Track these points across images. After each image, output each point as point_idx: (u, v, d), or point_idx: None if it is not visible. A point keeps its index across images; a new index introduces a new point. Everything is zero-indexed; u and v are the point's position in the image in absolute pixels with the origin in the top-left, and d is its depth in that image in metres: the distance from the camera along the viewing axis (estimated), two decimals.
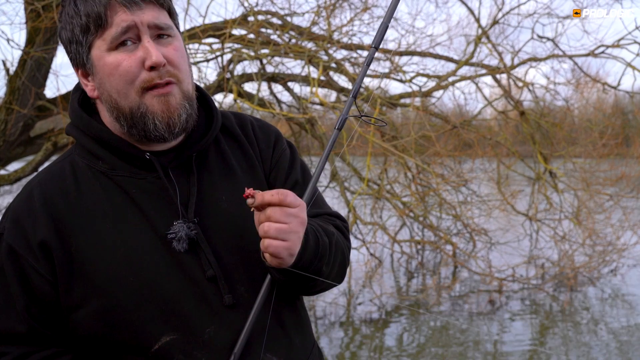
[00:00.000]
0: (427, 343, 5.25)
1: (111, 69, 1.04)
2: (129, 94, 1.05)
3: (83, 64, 1.08)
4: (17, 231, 1.04)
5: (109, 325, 1.03)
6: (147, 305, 1.03)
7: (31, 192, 1.09)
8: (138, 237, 1.05)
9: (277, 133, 1.29)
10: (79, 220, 1.05)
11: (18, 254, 1.03)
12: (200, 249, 1.07)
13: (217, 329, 1.05)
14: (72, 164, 1.12)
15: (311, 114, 5.83)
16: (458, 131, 7.00)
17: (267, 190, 0.99)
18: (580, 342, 5.26)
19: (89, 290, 1.02)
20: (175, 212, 1.07)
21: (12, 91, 5.23)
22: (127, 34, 1.03)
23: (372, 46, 1.16)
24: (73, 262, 1.03)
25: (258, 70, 6.04)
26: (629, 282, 7.20)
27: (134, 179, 1.09)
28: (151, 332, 1.03)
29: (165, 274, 1.04)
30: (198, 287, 1.05)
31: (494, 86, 8.15)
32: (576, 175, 8.00)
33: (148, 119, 1.05)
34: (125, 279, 1.03)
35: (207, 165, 1.16)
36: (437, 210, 7.41)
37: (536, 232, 7.92)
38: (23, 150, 5.77)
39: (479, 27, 6.94)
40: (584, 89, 8.14)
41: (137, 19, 1.03)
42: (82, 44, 1.06)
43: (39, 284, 1.03)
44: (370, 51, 1.16)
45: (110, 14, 1.02)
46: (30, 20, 5.11)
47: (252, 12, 5.60)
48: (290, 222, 0.99)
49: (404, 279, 7.46)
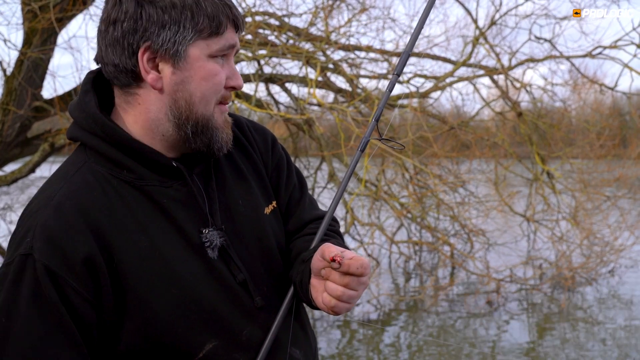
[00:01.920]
0: (425, 343, 5.25)
1: (208, 74, 1.05)
2: (210, 102, 1.07)
3: (171, 54, 1.03)
4: (54, 250, 0.96)
5: (154, 337, 1.01)
6: (190, 315, 1.03)
7: (59, 205, 1.00)
8: (173, 247, 1.04)
9: (272, 136, 1.31)
10: (118, 232, 1.01)
11: (57, 276, 0.95)
12: (228, 254, 1.09)
13: (251, 330, 1.09)
14: (93, 173, 1.05)
15: (309, 115, 5.83)
16: (456, 132, 7.01)
17: (351, 260, 1.00)
18: (577, 342, 5.26)
19: (133, 304, 1.00)
20: (203, 219, 1.08)
21: (9, 92, 5.22)
22: (228, 50, 1.08)
23: (394, 74, 1.23)
24: (118, 276, 1.00)
25: (256, 71, 6.04)
26: (627, 282, 7.22)
27: (162, 187, 1.06)
28: (195, 341, 1.03)
29: (202, 282, 1.05)
30: (231, 291, 1.08)
31: (491, 87, 8.17)
32: (573, 176, 8.02)
33: (217, 131, 1.09)
34: (167, 291, 1.02)
35: (221, 170, 1.16)
36: (434, 211, 7.41)
37: (534, 232, 7.94)
38: (20, 151, 5.76)
39: (476, 28, 6.94)
40: (581, 90, 8.16)
41: (237, 43, 1.09)
42: (185, 37, 1.02)
43: (81, 307, 0.97)
44: (392, 78, 1.23)
45: (227, 26, 1.06)
46: (27, 21, 5.10)
47: (250, 13, 5.59)
48: (360, 290, 1.04)
49: (402, 280, 7.46)
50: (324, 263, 1.03)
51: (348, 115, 5.44)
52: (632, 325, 5.71)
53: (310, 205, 1.31)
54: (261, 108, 5.67)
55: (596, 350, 5.03)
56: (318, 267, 1.05)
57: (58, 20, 4.93)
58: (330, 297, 1.03)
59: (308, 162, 7.85)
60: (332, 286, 1.02)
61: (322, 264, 1.04)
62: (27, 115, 5.35)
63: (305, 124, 5.99)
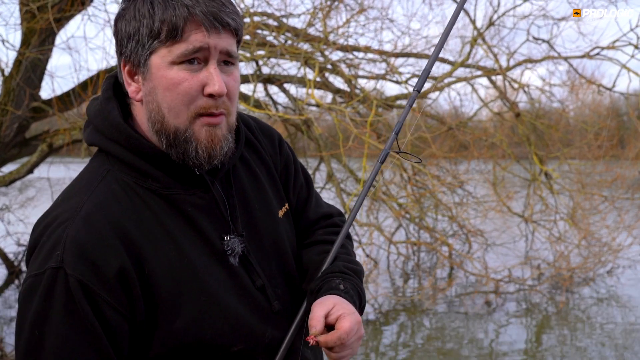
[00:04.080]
0: (424, 344, 5.25)
1: (170, 84, 1.00)
2: (181, 114, 1.02)
3: (137, 64, 1.03)
4: (86, 264, 0.95)
5: (183, 345, 1.02)
6: (217, 321, 1.04)
7: (88, 217, 0.98)
8: (199, 255, 1.05)
9: (278, 135, 1.30)
10: (147, 242, 1.00)
11: (91, 290, 0.94)
12: (249, 261, 1.11)
13: (272, 332, 1.11)
14: (119, 182, 1.04)
15: (307, 115, 5.83)
16: (454, 133, 7.02)
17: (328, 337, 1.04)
18: (575, 342, 5.27)
19: (163, 313, 1.00)
20: (224, 225, 1.09)
21: (7, 92, 5.22)
22: (196, 54, 1.00)
23: (415, 90, 1.27)
24: (150, 287, 1.00)
25: (254, 72, 6.04)
26: (624, 282, 7.23)
27: (186, 195, 1.06)
28: (223, 346, 1.05)
29: (227, 289, 1.06)
30: (250, 297, 1.10)
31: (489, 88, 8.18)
32: (571, 177, 8.04)
33: (191, 145, 1.02)
34: (197, 299, 1.02)
35: (238, 176, 1.16)
36: (433, 211, 7.42)
37: (532, 233, 7.94)
38: (18, 152, 5.75)
39: (474, 29, 6.95)
40: (579, 90, 8.17)
41: (212, 43, 1.00)
42: (144, 45, 1.00)
43: (115, 321, 0.97)
44: (412, 94, 1.28)
45: (187, 29, 0.98)
46: (26, 21, 5.09)
47: (248, 14, 5.59)
48: (355, 345, 1.08)
49: (400, 281, 7.46)
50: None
51: (346, 115, 5.45)
52: (630, 325, 5.72)
53: (316, 204, 1.32)
54: (259, 108, 5.67)
55: (594, 350, 5.03)
56: None
57: (56, 20, 4.93)
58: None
59: (306, 162, 7.85)
60: (325, 351, 1.08)
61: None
62: (26, 115, 5.35)
63: (303, 125, 5.99)
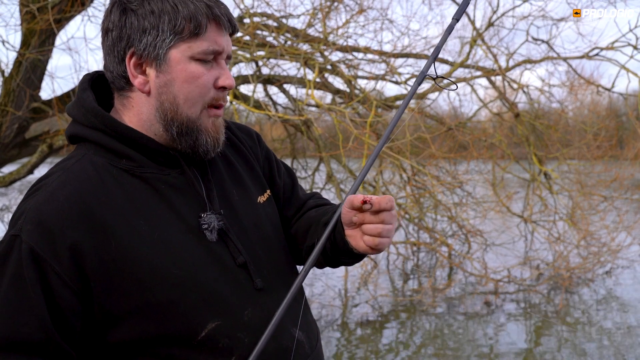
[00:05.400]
0: (423, 344, 5.26)
1: (191, 77, 1.09)
2: (196, 105, 1.10)
3: (152, 57, 1.08)
4: (42, 233, 0.98)
5: (155, 320, 1.03)
6: (191, 295, 1.05)
7: (54, 193, 1.02)
8: (171, 230, 1.07)
9: (256, 133, 1.39)
10: (115, 218, 1.03)
11: (41, 258, 0.98)
12: (228, 238, 1.13)
13: (253, 310, 1.12)
14: (92, 163, 1.08)
15: (307, 116, 5.84)
16: (453, 133, 7.03)
17: (379, 197, 1.09)
18: (574, 342, 5.28)
19: (133, 288, 1.02)
20: (201, 204, 1.12)
21: (7, 93, 5.22)
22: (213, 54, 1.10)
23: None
24: (115, 261, 1.01)
25: (254, 72, 6.05)
26: (623, 283, 7.24)
27: (161, 174, 1.11)
28: (197, 321, 1.05)
29: (203, 263, 1.08)
30: (231, 273, 1.11)
31: (488, 88, 8.19)
32: (571, 177, 8.05)
33: (202, 134, 1.12)
34: (168, 272, 1.04)
35: (215, 164, 1.22)
36: (432, 211, 7.43)
37: (531, 233, 7.95)
38: (18, 153, 5.76)
39: (473, 29, 6.96)
40: (578, 91, 8.18)
41: (225, 46, 1.11)
42: (165, 40, 1.07)
43: (62, 292, 0.99)
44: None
45: (209, 28, 1.08)
46: (26, 22, 5.10)
47: (248, 14, 5.60)
48: (394, 222, 1.12)
49: (400, 281, 7.47)
50: (353, 212, 1.11)
51: (346, 116, 5.46)
52: (629, 326, 5.73)
53: (301, 188, 1.42)
54: (259, 109, 5.68)
55: (593, 351, 5.04)
56: (349, 218, 1.12)
57: (56, 21, 4.94)
58: (371, 237, 1.11)
59: (306, 163, 7.87)
60: (370, 227, 1.10)
61: (352, 213, 1.11)
62: (25, 116, 5.35)
63: (303, 125, 6.00)
